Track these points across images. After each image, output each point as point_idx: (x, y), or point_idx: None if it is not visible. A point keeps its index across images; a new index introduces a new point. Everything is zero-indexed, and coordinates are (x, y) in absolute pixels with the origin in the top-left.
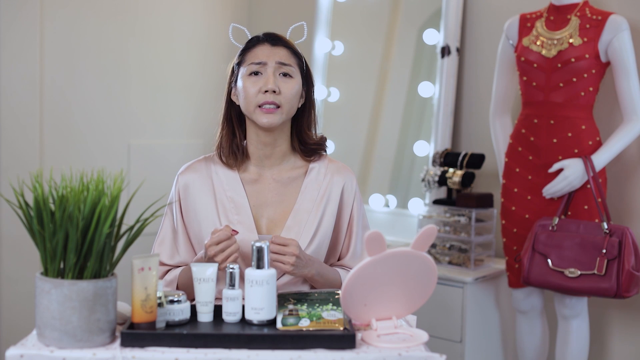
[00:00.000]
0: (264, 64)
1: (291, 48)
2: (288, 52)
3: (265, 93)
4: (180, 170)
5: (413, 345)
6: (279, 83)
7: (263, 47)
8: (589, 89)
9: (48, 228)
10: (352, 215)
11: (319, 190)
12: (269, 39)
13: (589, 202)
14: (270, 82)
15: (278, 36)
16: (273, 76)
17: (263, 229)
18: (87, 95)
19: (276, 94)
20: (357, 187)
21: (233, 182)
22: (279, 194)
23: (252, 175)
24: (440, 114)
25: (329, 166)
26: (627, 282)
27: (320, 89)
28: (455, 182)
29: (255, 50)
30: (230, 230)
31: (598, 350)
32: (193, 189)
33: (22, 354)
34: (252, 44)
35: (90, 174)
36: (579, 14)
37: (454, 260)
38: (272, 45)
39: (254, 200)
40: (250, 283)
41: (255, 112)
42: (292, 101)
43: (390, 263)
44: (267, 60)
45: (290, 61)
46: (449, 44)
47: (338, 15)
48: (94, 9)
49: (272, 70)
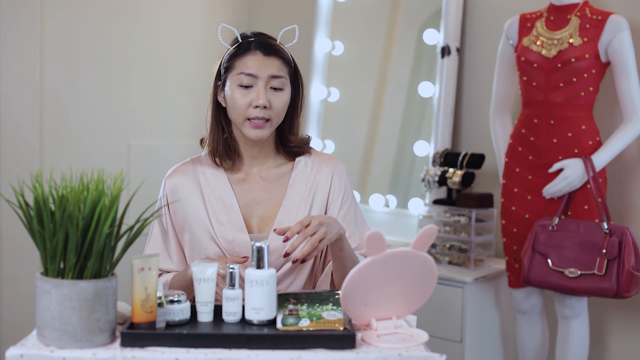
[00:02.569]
0: (256, 77)
1: (283, 57)
2: (280, 63)
3: (255, 108)
4: (167, 173)
5: (413, 345)
6: (270, 97)
7: (255, 57)
8: (589, 89)
9: (48, 228)
10: (343, 201)
11: (307, 183)
12: (261, 48)
13: (589, 202)
14: (262, 97)
15: (271, 44)
16: (264, 90)
17: (254, 228)
18: (87, 95)
19: (267, 108)
20: (346, 175)
21: (221, 183)
22: (267, 191)
23: (239, 175)
24: (440, 114)
25: (315, 158)
26: (627, 282)
27: (320, 89)
28: (455, 182)
29: (246, 59)
30: (240, 258)
31: (598, 350)
32: (181, 192)
33: (22, 354)
34: (243, 51)
35: (90, 174)
36: (579, 14)
37: (454, 260)
38: (265, 55)
39: (243, 200)
40: (250, 283)
41: (245, 124)
42: (281, 114)
43: (390, 263)
44: (259, 73)
45: (282, 72)
46: (449, 44)
47: (338, 15)
48: (94, 9)
49: (263, 84)
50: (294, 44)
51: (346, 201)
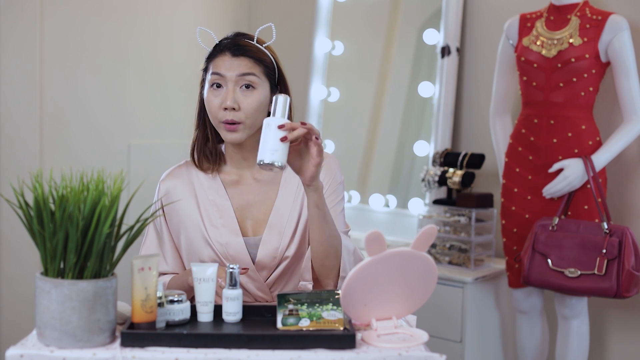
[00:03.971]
0: (223, 77)
1: (254, 57)
2: (250, 62)
3: (225, 110)
4: (162, 177)
5: (413, 345)
6: (239, 98)
7: (224, 58)
8: (589, 89)
9: (48, 228)
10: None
11: (298, 182)
12: (230, 48)
13: (589, 202)
14: (229, 98)
15: (239, 44)
16: (233, 91)
17: (249, 230)
18: (87, 95)
19: (236, 110)
20: (337, 169)
21: (214, 186)
22: (260, 192)
23: (232, 177)
24: (440, 114)
25: None
26: (627, 282)
27: (320, 89)
28: (455, 182)
29: (217, 60)
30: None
31: (598, 350)
32: (175, 196)
33: (22, 354)
34: (215, 52)
35: (90, 174)
36: (579, 14)
37: (454, 260)
38: (233, 55)
39: (236, 203)
40: (267, 127)
41: (220, 127)
42: (254, 115)
43: (390, 263)
44: (227, 73)
45: (253, 70)
46: (449, 44)
47: (338, 15)
48: (94, 9)
49: (232, 85)
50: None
51: (331, 194)
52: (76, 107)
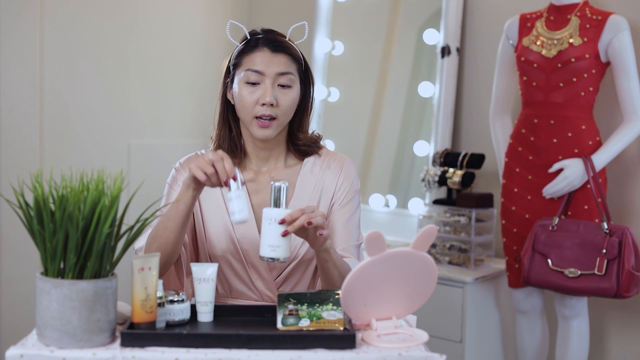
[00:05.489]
0: (262, 74)
1: (291, 54)
2: (288, 60)
3: (262, 105)
4: (180, 162)
5: (413, 345)
6: (277, 95)
7: (262, 54)
8: (589, 89)
9: (48, 228)
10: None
11: (314, 184)
12: (269, 44)
13: (589, 202)
14: (269, 94)
15: (278, 41)
16: (272, 88)
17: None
18: (87, 95)
19: (274, 106)
20: (355, 176)
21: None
22: None
23: (250, 174)
24: (440, 114)
25: (325, 159)
26: (627, 282)
27: (320, 89)
28: (455, 182)
29: (254, 56)
30: None
31: (598, 350)
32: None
33: (22, 354)
34: (251, 48)
35: (90, 174)
36: (579, 14)
37: (454, 260)
38: (272, 51)
39: (253, 200)
40: (268, 221)
41: (252, 123)
42: (288, 112)
43: (390, 263)
44: (266, 70)
45: (290, 69)
46: (449, 44)
47: (338, 15)
48: (94, 9)
49: (270, 82)
50: (303, 41)
51: (347, 202)
52: (76, 107)
